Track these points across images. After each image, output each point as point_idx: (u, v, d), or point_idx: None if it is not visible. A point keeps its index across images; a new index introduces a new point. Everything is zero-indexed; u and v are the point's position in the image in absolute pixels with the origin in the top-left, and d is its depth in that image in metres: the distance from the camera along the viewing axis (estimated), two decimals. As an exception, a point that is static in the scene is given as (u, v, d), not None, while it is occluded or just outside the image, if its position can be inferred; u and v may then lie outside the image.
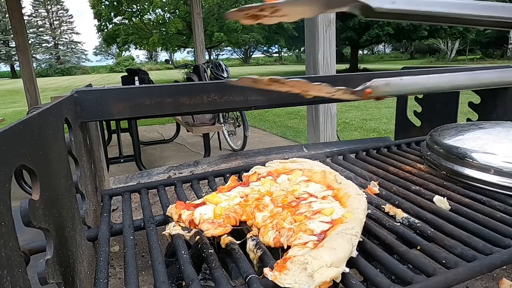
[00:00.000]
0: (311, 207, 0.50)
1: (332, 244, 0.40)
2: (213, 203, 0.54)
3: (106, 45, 26.56)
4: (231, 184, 0.62)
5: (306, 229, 0.44)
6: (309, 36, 1.98)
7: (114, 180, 1.05)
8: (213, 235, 0.49)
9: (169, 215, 0.55)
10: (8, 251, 0.26)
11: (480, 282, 0.70)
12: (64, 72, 44.87)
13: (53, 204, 0.39)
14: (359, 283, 0.39)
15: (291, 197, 0.53)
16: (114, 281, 0.76)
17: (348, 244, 0.40)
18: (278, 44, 26.38)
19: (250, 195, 0.56)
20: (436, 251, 0.45)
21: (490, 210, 0.56)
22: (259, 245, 0.46)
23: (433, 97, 1.21)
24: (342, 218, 0.45)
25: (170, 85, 0.72)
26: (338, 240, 0.41)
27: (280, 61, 42.81)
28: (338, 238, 0.41)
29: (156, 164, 3.47)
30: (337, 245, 0.40)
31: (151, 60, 55.19)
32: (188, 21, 18.17)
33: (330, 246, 0.39)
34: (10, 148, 0.29)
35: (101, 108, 0.66)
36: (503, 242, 0.46)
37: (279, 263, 0.40)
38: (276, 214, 0.50)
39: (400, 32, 18.14)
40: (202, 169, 1.12)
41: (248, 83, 0.43)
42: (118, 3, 20.30)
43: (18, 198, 0.33)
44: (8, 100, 12.20)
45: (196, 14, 5.76)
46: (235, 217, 0.50)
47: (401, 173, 0.74)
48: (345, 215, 0.46)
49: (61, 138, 0.48)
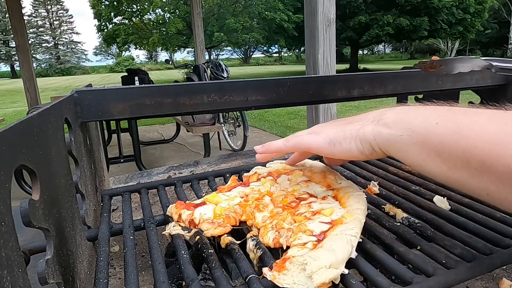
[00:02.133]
0: (310, 207, 0.50)
1: (331, 245, 0.40)
2: (213, 203, 0.54)
3: (106, 45, 26.58)
4: (232, 184, 0.62)
5: (305, 230, 0.44)
6: (309, 36, 1.98)
7: (114, 180, 1.05)
8: (213, 235, 0.48)
9: (169, 215, 0.55)
10: (8, 251, 0.26)
11: (480, 282, 0.70)
12: (64, 72, 44.87)
13: (53, 204, 0.39)
14: (359, 283, 0.39)
15: (291, 198, 0.53)
16: (114, 281, 0.76)
17: (348, 245, 0.40)
18: (278, 44, 26.35)
19: (250, 195, 0.56)
20: (436, 251, 0.45)
21: (490, 210, 0.56)
22: (259, 245, 0.46)
23: (433, 97, 1.21)
24: (342, 219, 0.45)
25: (170, 85, 0.72)
26: (337, 241, 0.41)
27: (280, 61, 42.82)
28: (337, 239, 0.41)
29: (156, 164, 3.48)
30: (336, 246, 0.39)
31: (151, 60, 55.21)
32: (188, 21, 18.18)
33: (329, 247, 0.39)
34: (10, 148, 0.29)
35: (101, 108, 0.66)
36: (503, 242, 0.46)
37: (278, 263, 0.40)
38: (276, 214, 0.50)
39: (400, 32, 18.14)
40: (202, 169, 1.12)
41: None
42: (118, 3, 20.31)
43: (18, 198, 0.33)
44: (8, 100, 12.20)
45: (196, 14, 5.76)
46: (235, 217, 0.50)
47: (401, 173, 0.74)
48: (345, 215, 0.46)
49: (61, 138, 0.48)
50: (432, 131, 0.35)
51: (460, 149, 0.33)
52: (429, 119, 0.36)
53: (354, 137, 0.42)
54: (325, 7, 1.89)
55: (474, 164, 0.32)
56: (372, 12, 17.82)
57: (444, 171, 0.35)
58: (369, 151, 0.42)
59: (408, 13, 17.31)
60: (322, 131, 0.46)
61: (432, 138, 0.35)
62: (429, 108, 0.39)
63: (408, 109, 0.40)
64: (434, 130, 0.35)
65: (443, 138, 0.34)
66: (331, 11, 1.92)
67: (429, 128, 0.36)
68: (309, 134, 0.48)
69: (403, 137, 0.37)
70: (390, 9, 17.35)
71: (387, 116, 0.40)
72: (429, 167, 0.36)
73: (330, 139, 0.44)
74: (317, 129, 0.48)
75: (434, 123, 0.35)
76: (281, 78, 0.76)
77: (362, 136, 0.41)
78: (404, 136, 0.37)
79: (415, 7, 16.99)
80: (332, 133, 0.44)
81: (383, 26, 17.65)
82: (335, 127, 0.45)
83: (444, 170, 0.35)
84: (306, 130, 0.50)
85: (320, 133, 0.46)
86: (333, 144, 0.43)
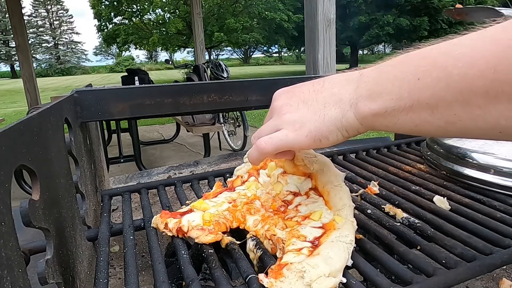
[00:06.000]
0: (298, 211, 0.49)
1: (328, 253, 0.39)
2: (200, 209, 0.52)
3: (106, 45, 26.59)
4: (217, 190, 0.60)
5: (299, 235, 0.44)
6: (309, 36, 1.98)
7: (114, 180, 1.05)
8: (204, 242, 0.47)
9: (154, 226, 0.54)
10: (8, 251, 0.26)
11: (480, 282, 0.70)
12: (64, 72, 44.88)
13: (53, 204, 0.39)
14: (359, 283, 0.39)
15: (279, 202, 0.53)
16: (114, 281, 0.76)
17: (344, 253, 0.40)
18: (278, 44, 26.39)
19: (238, 200, 0.55)
20: (436, 251, 0.45)
21: (490, 210, 0.56)
22: (259, 245, 0.46)
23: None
24: (334, 223, 0.45)
25: (170, 85, 0.72)
26: (334, 248, 0.40)
27: (280, 61, 42.81)
28: (334, 247, 0.41)
29: (156, 164, 3.48)
30: (333, 254, 0.39)
31: (151, 60, 55.20)
32: (188, 21, 18.17)
33: (326, 254, 0.39)
34: (10, 148, 0.29)
35: (101, 108, 0.66)
36: (503, 242, 0.46)
37: (274, 269, 0.39)
38: (267, 218, 0.49)
39: (400, 32, 18.15)
40: (202, 169, 1.12)
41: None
42: (118, 3, 20.33)
43: (18, 198, 0.33)
44: (8, 100, 12.20)
45: (196, 14, 5.76)
46: (225, 223, 0.49)
47: (401, 173, 0.74)
48: (335, 219, 0.45)
49: (61, 138, 0.48)
50: (417, 88, 0.30)
51: (456, 91, 0.28)
52: (408, 78, 0.31)
53: (339, 128, 0.38)
54: (325, 7, 1.89)
55: (476, 101, 0.27)
56: (372, 12, 17.82)
57: (442, 126, 0.31)
58: (354, 134, 0.39)
59: (408, 13, 17.32)
60: (298, 125, 0.40)
61: (420, 96, 0.30)
62: (398, 66, 0.33)
63: (378, 75, 0.35)
64: (418, 86, 0.30)
65: (432, 90, 0.29)
66: (331, 11, 1.92)
67: (412, 89, 0.31)
68: (280, 131, 0.41)
69: (389, 112, 0.33)
70: (390, 9, 17.35)
71: (363, 94, 0.36)
72: (424, 128, 0.32)
73: (315, 136, 0.39)
74: (286, 118, 0.41)
75: (415, 79, 0.31)
76: (281, 78, 0.76)
77: (347, 125, 0.38)
78: (389, 109, 0.33)
79: (415, 7, 17.00)
80: (313, 127, 0.39)
81: (383, 26, 17.66)
82: (309, 115, 0.40)
83: (441, 125, 0.31)
84: (270, 124, 0.43)
85: (297, 127, 0.40)
86: (319, 140, 0.39)
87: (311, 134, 0.39)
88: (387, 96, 0.33)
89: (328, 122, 0.39)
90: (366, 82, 0.36)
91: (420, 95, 0.30)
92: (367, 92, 0.36)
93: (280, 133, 0.41)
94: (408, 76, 0.31)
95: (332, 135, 0.39)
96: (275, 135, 0.42)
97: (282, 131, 0.41)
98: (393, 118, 0.33)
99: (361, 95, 0.36)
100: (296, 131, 0.40)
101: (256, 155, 0.44)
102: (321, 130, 0.39)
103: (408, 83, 0.31)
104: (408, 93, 0.31)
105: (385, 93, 0.33)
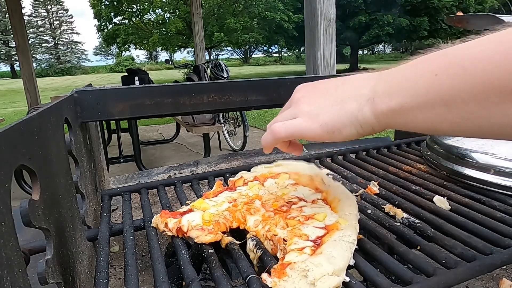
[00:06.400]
0: (302, 211, 0.49)
1: (331, 252, 0.39)
2: (200, 209, 0.52)
3: (106, 45, 26.60)
4: (217, 189, 0.60)
5: (301, 234, 0.44)
6: (309, 36, 1.98)
7: (114, 180, 1.05)
8: (203, 242, 0.47)
9: (154, 226, 0.54)
10: (8, 251, 0.26)
11: (480, 282, 0.70)
12: (64, 72, 44.88)
13: (53, 204, 0.39)
14: (359, 283, 0.39)
15: (281, 202, 0.52)
16: (114, 281, 0.76)
17: (347, 252, 0.40)
18: (278, 44, 26.38)
19: (238, 200, 0.54)
20: (436, 251, 0.45)
21: (490, 210, 0.56)
22: (259, 245, 0.46)
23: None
24: (337, 224, 0.45)
25: (170, 85, 0.72)
26: (337, 248, 0.40)
27: (280, 61, 42.80)
28: (336, 246, 0.41)
29: (156, 164, 3.47)
30: (336, 253, 0.39)
31: (151, 60, 55.21)
32: (188, 21, 18.17)
33: (329, 253, 0.39)
34: (10, 148, 0.29)
35: (101, 108, 0.66)
36: (503, 242, 0.46)
37: (276, 268, 0.39)
38: (268, 218, 0.49)
39: (400, 32, 18.16)
40: (202, 169, 1.12)
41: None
42: (118, 3, 20.33)
43: (18, 198, 0.33)
44: (8, 100, 12.20)
45: (196, 14, 5.76)
46: (225, 223, 0.49)
47: (401, 173, 0.74)
48: (340, 221, 0.45)
49: (61, 138, 0.48)
50: (434, 84, 0.31)
51: (473, 87, 0.28)
52: (425, 75, 0.32)
53: (354, 122, 0.38)
54: (325, 7, 1.90)
55: (492, 97, 0.27)
56: (372, 12, 17.83)
57: (457, 123, 0.30)
58: (368, 132, 0.39)
59: (408, 13, 17.33)
60: (313, 115, 0.41)
61: (437, 92, 0.31)
62: (416, 65, 0.34)
63: (396, 73, 0.36)
64: (435, 83, 0.31)
65: (448, 86, 0.30)
66: (331, 11, 1.92)
67: (429, 85, 0.31)
68: (295, 119, 0.42)
69: (405, 108, 0.33)
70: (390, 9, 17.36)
71: (380, 90, 0.36)
72: (440, 125, 0.32)
73: (329, 127, 0.40)
74: (303, 108, 0.42)
75: (432, 76, 0.31)
76: (281, 78, 0.76)
77: (362, 121, 0.38)
78: (406, 106, 0.33)
79: (415, 7, 17.01)
80: (328, 119, 0.40)
81: (383, 26, 17.66)
82: (326, 107, 0.41)
83: (457, 121, 0.30)
84: (287, 112, 0.44)
85: (312, 117, 0.41)
86: (332, 132, 0.39)
87: (325, 125, 0.40)
88: (404, 92, 0.34)
89: (344, 115, 0.39)
90: (384, 79, 0.37)
91: (437, 91, 0.31)
92: (384, 89, 0.36)
93: (295, 120, 0.42)
94: (426, 73, 0.32)
95: (346, 129, 0.39)
96: (289, 121, 0.43)
97: (298, 119, 0.42)
98: (409, 115, 0.34)
99: (379, 91, 0.37)
100: (311, 119, 0.41)
101: (270, 138, 0.44)
102: (336, 122, 0.39)
103: (425, 80, 0.32)
104: (425, 89, 0.32)
105: (402, 90, 0.34)
